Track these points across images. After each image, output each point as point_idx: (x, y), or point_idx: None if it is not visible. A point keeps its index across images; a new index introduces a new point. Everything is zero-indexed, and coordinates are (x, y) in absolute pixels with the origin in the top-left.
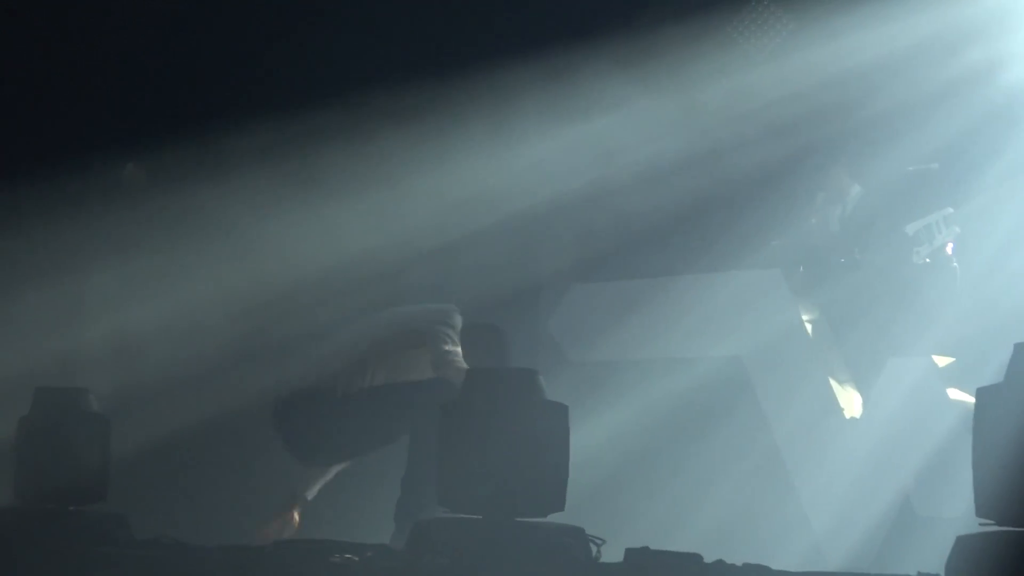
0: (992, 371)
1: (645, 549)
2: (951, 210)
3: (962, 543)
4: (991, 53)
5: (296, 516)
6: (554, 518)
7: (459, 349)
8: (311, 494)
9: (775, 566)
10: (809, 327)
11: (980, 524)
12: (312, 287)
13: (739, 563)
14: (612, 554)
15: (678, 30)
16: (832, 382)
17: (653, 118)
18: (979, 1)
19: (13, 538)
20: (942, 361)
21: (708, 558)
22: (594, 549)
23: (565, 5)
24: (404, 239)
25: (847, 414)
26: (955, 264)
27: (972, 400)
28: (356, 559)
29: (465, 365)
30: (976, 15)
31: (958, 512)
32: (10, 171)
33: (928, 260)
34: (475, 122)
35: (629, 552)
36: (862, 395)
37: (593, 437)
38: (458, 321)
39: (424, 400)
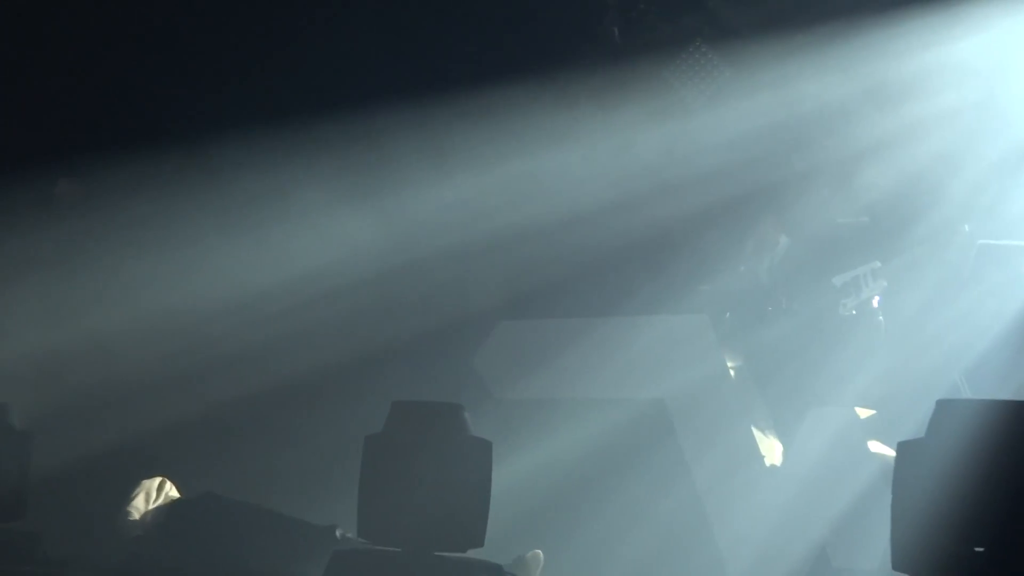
0: (913, 426)
1: None
2: (879, 264)
3: None
4: (925, 111)
5: None
6: (473, 554)
7: None
8: None
9: None
10: (733, 373)
11: None
12: (244, 304)
13: None
14: None
15: (612, 72)
16: (754, 429)
17: (586, 159)
18: (914, 59)
19: None
20: (864, 413)
21: None
22: None
23: (493, 42)
24: (329, 273)
25: (768, 461)
26: (881, 318)
27: (892, 453)
28: None
29: None
30: (912, 73)
31: (872, 565)
32: None
33: (854, 312)
34: (407, 154)
35: None
36: (783, 443)
37: (516, 474)
38: None
39: None
